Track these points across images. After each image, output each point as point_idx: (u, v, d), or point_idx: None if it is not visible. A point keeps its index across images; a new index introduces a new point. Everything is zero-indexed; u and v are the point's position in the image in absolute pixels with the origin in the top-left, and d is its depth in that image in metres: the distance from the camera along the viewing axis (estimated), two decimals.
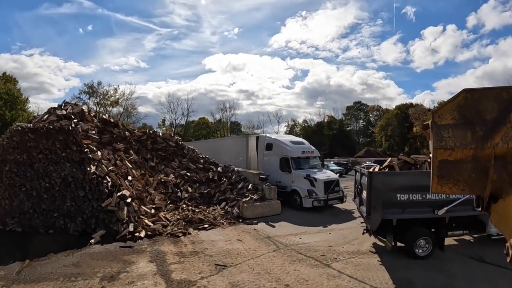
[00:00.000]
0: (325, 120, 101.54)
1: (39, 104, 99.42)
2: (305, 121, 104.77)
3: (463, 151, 3.13)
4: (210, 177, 19.39)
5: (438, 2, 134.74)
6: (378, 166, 10.95)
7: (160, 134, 22.42)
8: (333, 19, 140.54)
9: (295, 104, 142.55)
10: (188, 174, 19.34)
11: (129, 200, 13.75)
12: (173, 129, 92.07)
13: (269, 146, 20.56)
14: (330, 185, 17.42)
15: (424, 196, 9.57)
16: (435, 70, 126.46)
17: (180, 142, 22.28)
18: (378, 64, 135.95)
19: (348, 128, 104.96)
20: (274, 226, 14.27)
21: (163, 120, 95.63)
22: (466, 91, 3.16)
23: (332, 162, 50.95)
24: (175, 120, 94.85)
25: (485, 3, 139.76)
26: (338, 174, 42.13)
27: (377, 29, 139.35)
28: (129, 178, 15.80)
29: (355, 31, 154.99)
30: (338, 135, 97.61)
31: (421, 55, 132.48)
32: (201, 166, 20.56)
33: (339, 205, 18.40)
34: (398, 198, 9.52)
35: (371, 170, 10.57)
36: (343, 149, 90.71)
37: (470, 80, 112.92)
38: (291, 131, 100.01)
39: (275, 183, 18.87)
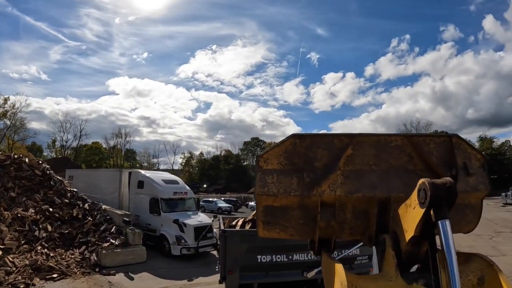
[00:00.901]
0: (222, 154, 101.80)
1: None
2: (201, 153, 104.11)
3: (288, 197, 2.90)
4: (74, 214, 17.18)
5: (341, 52, 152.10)
6: (243, 219, 9.96)
7: (27, 160, 19.85)
8: (241, 56, 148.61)
9: (195, 135, 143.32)
10: (51, 209, 16.95)
11: None
12: (63, 152, 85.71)
13: (140, 184, 18.86)
14: (202, 231, 15.97)
15: (290, 257, 8.46)
16: (332, 112, 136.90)
17: (47, 171, 19.85)
18: (279, 103, 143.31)
19: (245, 163, 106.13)
20: (133, 279, 12.62)
21: (53, 141, 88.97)
22: (294, 136, 2.99)
23: (222, 198, 50.23)
24: (66, 142, 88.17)
25: (383, 56, 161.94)
26: (226, 212, 42.12)
27: (282, 70, 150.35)
28: None
29: (261, 70, 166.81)
30: (235, 170, 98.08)
31: (320, 98, 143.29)
32: (67, 201, 18.23)
33: (215, 252, 16.74)
34: (259, 260, 8.28)
35: (233, 223, 9.65)
36: (239, 184, 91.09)
37: (364, 122, 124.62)
38: (187, 163, 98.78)
39: (145, 225, 17.26)
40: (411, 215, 2.27)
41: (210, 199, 49.10)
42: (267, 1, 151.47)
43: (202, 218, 17.60)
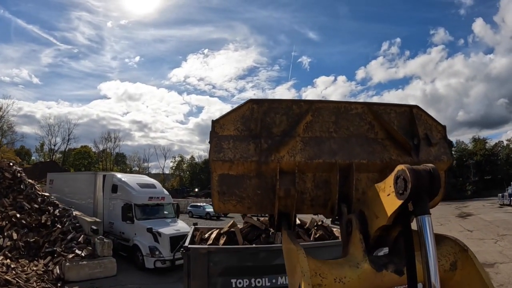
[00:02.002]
0: None
1: None
2: (192, 157, 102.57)
3: (244, 164, 2.93)
4: (43, 221, 15.64)
5: (332, 55, 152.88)
6: (218, 231, 8.42)
7: None
8: (233, 60, 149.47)
9: (187, 139, 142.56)
10: (18, 215, 15.46)
11: None
12: (52, 156, 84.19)
13: (114, 188, 17.07)
14: (179, 241, 13.94)
15: (274, 280, 6.32)
16: None
17: (18, 174, 18.33)
18: None
19: None
20: None
21: (42, 145, 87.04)
22: (252, 101, 3.05)
23: (211, 203, 48.47)
24: (54, 145, 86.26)
25: (374, 60, 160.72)
26: (215, 218, 40.33)
27: (274, 74, 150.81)
28: None
29: (252, 74, 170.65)
30: None
31: None
32: (37, 206, 16.70)
33: None
34: (234, 285, 6.17)
35: (206, 236, 7.98)
36: None
37: None
38: (178, 167, 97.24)
39: (118, 234, 15.64)
40: (384, 201, 2.07)
41: (199, 204, 47.52)
42: (259, 5, 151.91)
43: (180, 226, 15.73)
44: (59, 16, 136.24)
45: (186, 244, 6.60)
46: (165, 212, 16.80)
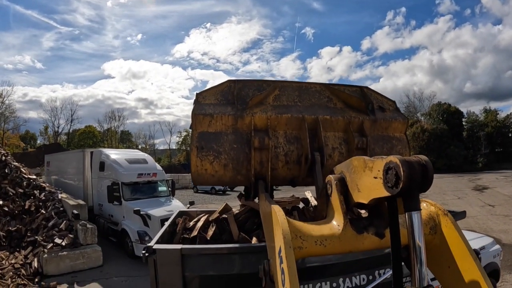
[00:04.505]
0: None
1: None
2: None
3: (223, 118, 3.29)
4: (26, 207, 14.25)
5: (337, 25, 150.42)
6: (206, 216, 5.82)
7: None
8: (236, 33, 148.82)
9: None
10: (1, 202, 14.07)
11: None
12: (56, 138, 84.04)
13: (102, 166, 15.26)
14: None
15: None
16: None
17: (3, 158, 16.90)
18: (276, 78, 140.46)
19: None
20: None
21: (46, 128, 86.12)
22: (230, 81, 3.62)
23: None
24: (58, 127, 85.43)
25: (380, 30, 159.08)
26: (220, 192, 38.72)
27: (278, 46, 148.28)
28: None
29: (256, 47, 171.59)
30: None
31: (317, 73, 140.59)
32: (22, 191, 15.31)
33: None
34: None
35: (191, 224, 5.94)
36: None
37: None
38: (184, 141, 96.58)
39: (108, 217, 14.13)
40: (370, 182, 1.86)
41: None
42: None
43: (174, 206, 13.60)
44: None
45: (154, 241, 4.25)
46: (160, 190, 15.13)
